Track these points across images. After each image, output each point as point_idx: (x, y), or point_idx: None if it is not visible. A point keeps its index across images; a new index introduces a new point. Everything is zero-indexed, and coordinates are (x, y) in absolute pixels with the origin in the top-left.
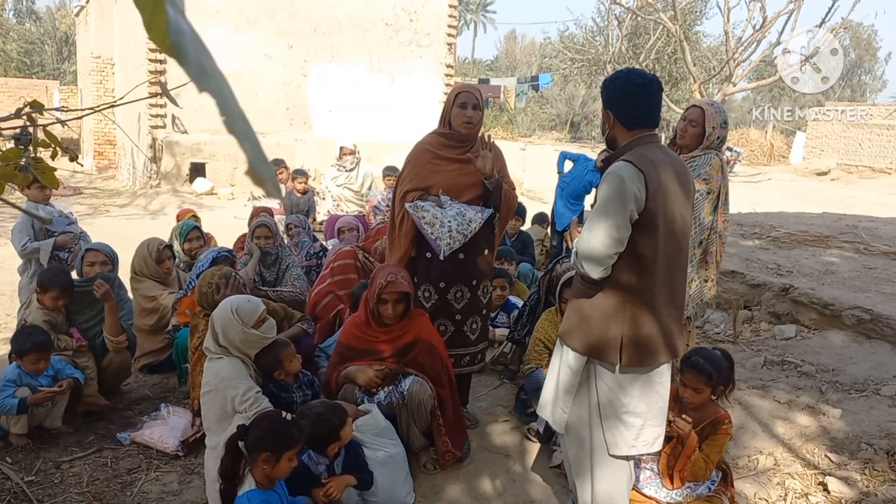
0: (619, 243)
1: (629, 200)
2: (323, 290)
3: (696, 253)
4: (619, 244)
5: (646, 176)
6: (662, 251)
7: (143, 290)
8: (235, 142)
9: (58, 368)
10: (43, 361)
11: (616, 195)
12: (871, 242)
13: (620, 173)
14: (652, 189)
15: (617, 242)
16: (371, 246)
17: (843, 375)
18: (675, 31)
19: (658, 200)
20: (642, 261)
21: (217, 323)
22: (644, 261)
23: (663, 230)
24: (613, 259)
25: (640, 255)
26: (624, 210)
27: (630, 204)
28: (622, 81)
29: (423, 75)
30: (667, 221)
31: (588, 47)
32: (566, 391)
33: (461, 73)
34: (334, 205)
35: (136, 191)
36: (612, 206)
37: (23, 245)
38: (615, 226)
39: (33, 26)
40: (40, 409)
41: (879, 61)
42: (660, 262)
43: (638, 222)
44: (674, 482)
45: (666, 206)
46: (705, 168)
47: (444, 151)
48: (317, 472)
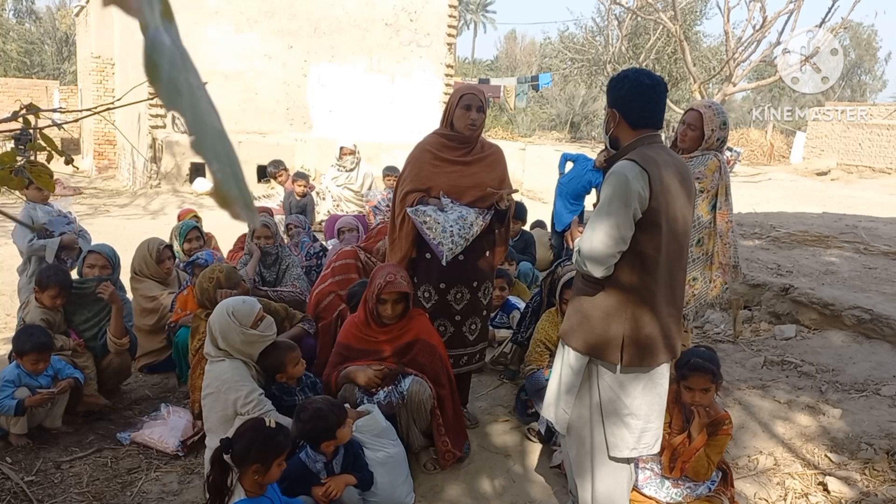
0: (622, 242)
1: (633, 199)
2: (325, 290)
3: (694, 251)
4: (622, 243)
5: (650, 175)
6: (664, 251)
7: (143, 290)
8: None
9: (58, 368)
10: (42, 363)
11: (620, 194)
12: (871, 242)
13: (624, 172)
14: (655, 188)
15: (620, 241)
16: (373, 246)
17: (843, 375)
18: (675, 31)
19: (661, 200)
20: (645, 260)
21: (215, 328)
22: (646, 260)
23: (666, 229)
24: (616, 258)
25: (642, 255)
26: (627, 209)
27: (634, 203)
28: (631, 81)
29: (423, 75)
30: (669, 221)
31: (588, 47)
32: (568, 391)
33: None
34: (334, 205)
35: (136, 191)
36: (616, 204)
37: (29, 241)
38: (618, 224)
39: (33, 26)
40: (40, 409)
41: (879, 61)
42: (661, 261)
43: (641, 221)
44: (672, 472)
45: (669, 206)
46: (700, 168)
47: (446, 153)
48: (314, 469)
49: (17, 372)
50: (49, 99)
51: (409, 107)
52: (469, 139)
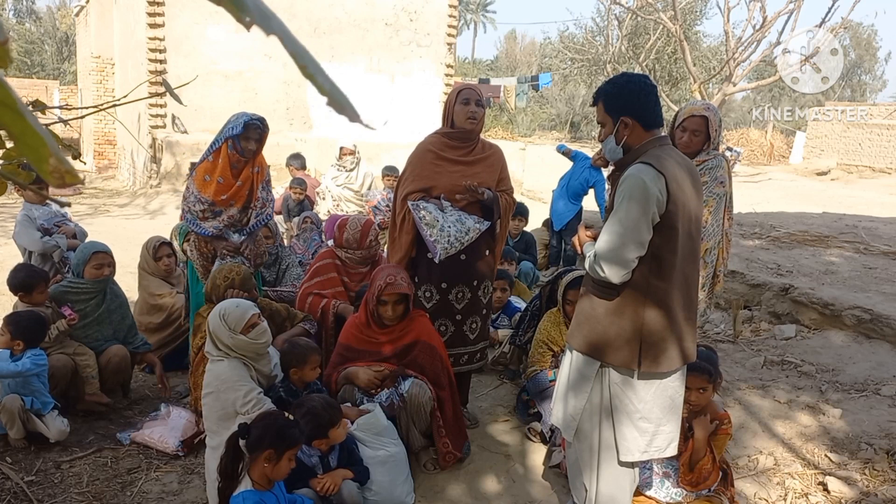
0: (642, 246)
1: (651, 203)
2: (305, 293)
3: (713, 253)
4: (641, 247)
5: (666, 178)
6: (681, 252)
7: (147, 287)
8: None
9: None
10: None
11: (638, 198)
12: (871, 242)
13: (642, 175)
14: (672, 191)
15: (640, 246)
16: (342, 240)
17: (843, 375)
18: (675, 31)
19: (678, 202)
20: (661, 263)
21: (210, 327)
22: (663, 263)
23: (682, 231)
24: (635, 263)
25: (659, 258)
26: (646, 213)
27: (652, 206)
28: (635, 84)
29: (423, 75)
30: (684, 223)
31: (588, 47)
32: (577, 396)
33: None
34: (334, 205)
35: (135, 191)
36: (635, 208)
37: (42, 239)
38: (638, 229)
39: (33, 26)
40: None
41: (879, 61)
42: (678, 263)
43: (658, 225)
44: (692, 484)
45: (685, 207)
46: (719, 171)
47: (447, 152)
48: (310, 464)
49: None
50: (49, 99)
51: (409, 107)
52: (471, 135)
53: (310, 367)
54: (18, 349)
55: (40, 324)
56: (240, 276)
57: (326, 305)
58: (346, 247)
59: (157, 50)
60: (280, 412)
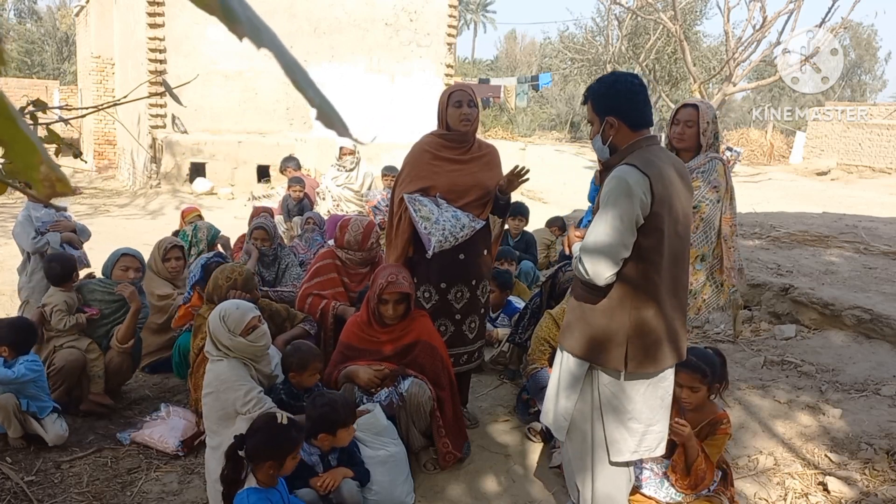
0: (626, 248)
1: (635, 205)
2: (305, 293)
3: (709, 260)
4: (625, 249)
5: (651, 180)
6: (668, 253)
7: (152, 287)
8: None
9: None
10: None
11: (622, 200)
12: (871, 242)
13: (625, 177)
14: (657, 192)
15: (623, 247)
16: (343, 241)
17: (843, 375)
18: (675, 31)
19: (664, 204)
20: (647, 264)
21: (210, 327)
22: (649, 264)
23: (668, 232)
24: (619, 265)
25: (645, 259)
26: (630, 216)
27: (636, 208)
28: (623, 84)
29: (423, 75)
30: (671, 223)
31: (588, 47)
32: (567, 398)
33: (461, 73)
34: (334, 205)
35: (135, 191)
36: (618, 210)
37: (34, 239)
38: (621, 231)
39: (33, 26)
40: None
41: (879, 61)
42: (665, 263)
43: (644, 227)
44: (688, 486)
45: (671, 208)
46: (713, 175)
47: (444, 152)
48: (310, 462)
49: None
50: (49, 99)
51: (409, 107)
52: (466, 136)
53: (309, 374)
54: (5, 355)
55: (28, 330)
56: (242, 277)
57: (326, 306)
58: (346, 248)
59: (157, 50)
60: (273, 417)
